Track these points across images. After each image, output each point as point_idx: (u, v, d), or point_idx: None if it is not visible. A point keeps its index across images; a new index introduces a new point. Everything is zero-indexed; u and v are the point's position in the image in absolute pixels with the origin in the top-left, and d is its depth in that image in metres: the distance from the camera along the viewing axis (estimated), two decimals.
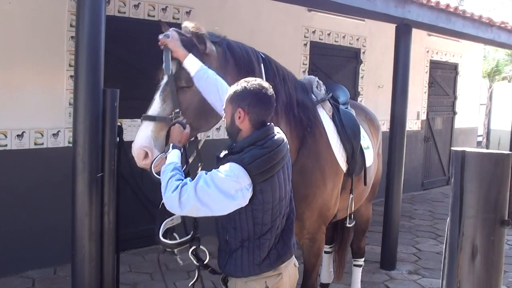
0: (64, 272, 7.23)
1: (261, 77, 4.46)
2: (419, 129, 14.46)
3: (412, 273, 8.24)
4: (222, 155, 3.59)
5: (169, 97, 4.04)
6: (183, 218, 4.00)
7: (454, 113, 15.88)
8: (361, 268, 6.94)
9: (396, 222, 8.30)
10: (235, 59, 4.50)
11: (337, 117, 5.34)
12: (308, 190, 4.84)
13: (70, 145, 5.79)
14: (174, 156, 3.63)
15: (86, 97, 4.45)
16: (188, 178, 3.44)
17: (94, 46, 4.50)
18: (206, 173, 3.38)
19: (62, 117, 7.56)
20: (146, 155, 3.92)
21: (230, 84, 3.80)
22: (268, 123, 3.60)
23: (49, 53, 7.40)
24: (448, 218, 2.75)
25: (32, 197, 7.29)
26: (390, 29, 8.57)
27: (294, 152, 4.72)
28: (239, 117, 3.48)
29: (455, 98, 15.86)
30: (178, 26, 8.51)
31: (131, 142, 3.99)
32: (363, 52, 12.49)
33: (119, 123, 4.67)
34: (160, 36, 4.09)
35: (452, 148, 2.70)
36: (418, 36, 8.57)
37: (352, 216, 5.84)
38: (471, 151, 2.59)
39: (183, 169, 3.62)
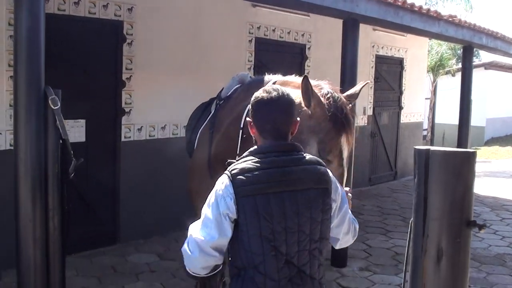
0: (10, 278, 6.91)
1: None
2: (366, 124, 14.46)
3: (363, 269, 8.18)
4: None
5: None
6: None
7: (400, 108, 15.95)
8: None
9: None
10: None
11: None
12: None
13: (12, 147, 5.58)
14: None
15: (26, 99, 4.28)
16: None
17: (34, 45, 4.34)
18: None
19: (3, 119, 7.26)
20: None
21: None
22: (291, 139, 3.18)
23: None
24: (411, 219, 2.67)
25: None
26: (335, 24, 8.49)
27: None
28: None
29: (401, 93, 15.95)
30: (120, 23, 8.32)
31: (74, 143, 3.81)
32: (309, 48, 12.40)
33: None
34: None
35: (416, 147, 2.59)
36: (363, 31, 8.53)
37: None
38: (436, 150, 2.50)
39: None
